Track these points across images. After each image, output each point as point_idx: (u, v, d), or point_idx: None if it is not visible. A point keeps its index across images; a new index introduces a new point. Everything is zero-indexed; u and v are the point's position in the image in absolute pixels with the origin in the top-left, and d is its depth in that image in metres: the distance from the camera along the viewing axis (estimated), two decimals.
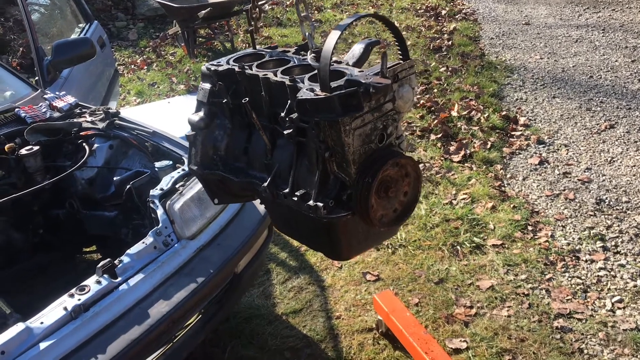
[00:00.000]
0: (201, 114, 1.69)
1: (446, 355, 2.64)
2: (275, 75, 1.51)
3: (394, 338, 2.95)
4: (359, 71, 1.45)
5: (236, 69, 1.59)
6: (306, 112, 1.35)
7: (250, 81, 1.57)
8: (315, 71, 1.48)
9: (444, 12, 8.96)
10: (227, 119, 1.68)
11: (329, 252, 1.66)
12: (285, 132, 1.45)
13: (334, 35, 1.33)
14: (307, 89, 1.38)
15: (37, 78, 3.71)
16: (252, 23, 1.76)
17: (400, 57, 1.45)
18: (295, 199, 1.46)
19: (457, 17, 8.77)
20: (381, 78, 1.34)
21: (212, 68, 1.65)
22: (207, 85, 1.67)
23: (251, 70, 1.58)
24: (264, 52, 1.71)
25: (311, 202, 1.42)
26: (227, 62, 1.66)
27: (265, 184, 1.55)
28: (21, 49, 7.92)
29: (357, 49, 1.61)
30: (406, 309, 2.93)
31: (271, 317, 3.23)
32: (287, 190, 1.50)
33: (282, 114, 1.47)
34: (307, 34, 1.55)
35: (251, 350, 3.01)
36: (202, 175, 1.75)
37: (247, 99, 1.52)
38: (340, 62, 1.55)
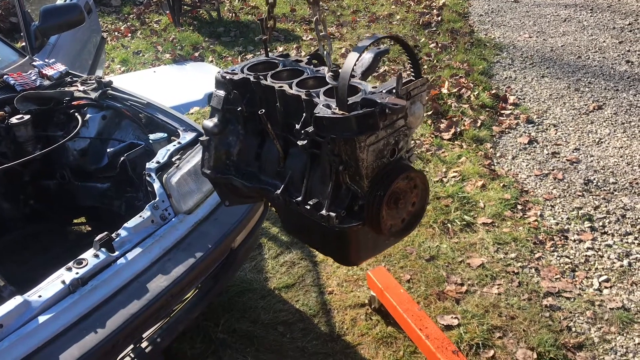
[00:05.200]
0: (215, 120, 1.72)
1: (440, 331, 2.68)
2: (291, 88, 1.54)
3: (387, 314, 2.98)
4: (373, 87, 1.48)
5: (251, 79, 1.62)
6: (323, 128, 1.39)
7: (265, 91, 1.60)
8: (329, 85, 1.52)
9: None
10: (241, 125, 1.72)
11: (338, 257, 1.73)
12: (299, 143, 1.48)
13: (352, 57, 1.35)
14: (323, 105, 1.41)
15: (23, 44, 3.61)
16: (266, 32, 1.78)
17: (413, 74, 1.49)
18: (308, 207, 1.50)
19: None
20: (396, 98, 1.37)
21: (228, 76, 1.67)
22: (222, 93, 1.70)
23: (266, 81, 1.61)
24: (277, 61, 1.75)
25: (324, 212, 1.47)
26: (242, 71, 1.69)
27: (279, 192, 1.59)
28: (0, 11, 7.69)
29: (367, 58, 1.65)
30: (400, 286, 2.95)
31: (264, 292, 3.23)
32: (300, 198, 1.54)
33: (297, 126, 1.51)
34: (325, 52, 1.58)
35: (244, 324, 3.02)
36: (215, 179, 1.79)
37: (263, 110, 1.56)
38: (353, 75, 1.57)
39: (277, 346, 2.90)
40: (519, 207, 3.87)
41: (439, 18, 7.52)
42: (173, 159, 2.61)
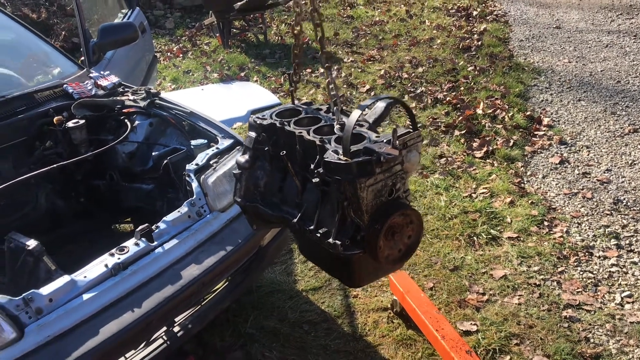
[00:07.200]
0: (246, 156, 2.01)
1: (456, 333, 2.79)
2: (309, 134, 1.81)
3: (408, 318, 3.11)
4: (376, 136, 1.73)
5: (277, 124, 1.91)
6: (330, 171, 1.65)
7: (288, 136, 1.88)
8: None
9: (475, 12, 9.04)
10: (267, 162, 2.00)
11: (344, 279, 2.01)
12: (313, 180, 1.74)
13: (355, 114, 1.61)
14: (332, 151, 1.68)
15: (82, 58, 3.94)
16: (293, 85, 2.07)
17: (411, 127, 1.72)
18: (318, 235, 1.75)
19: (488, 18, 8.84)
20: (391, 149, 1.62)
21: (258, 121, 1.97)
22: (253, 134, 2.00)
23: (289, 127, 1.89)
24: (301, 109, 2.02)
25: (331, 240, 1.71)
26: (271, 117, 1.98)
27: (295, 220, 1.85)
28: (63, 32, 8.23)
29: (379, 107, 1.93)
30: (421, 290, 3.08)
31: (292, 293, 3.41)
32: (312, 227, 1.79)
33: (312, 166, 1.77)
34: (335, 109, 1.86)
35: (272, 322, 3.19)
36: (244, 206, 2.08)
37: (285, 151, 1.83)
38: (362, 125, 1.83)
39: (302, 343, 3.06)
40: (546, 223, 3.94)
41: (479, 43, 7.64)
42: (211, 162, 2.84)
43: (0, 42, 3.78)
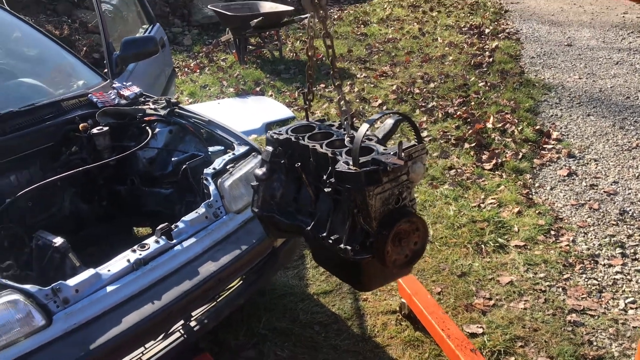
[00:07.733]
0: (264, 169, 2.16)
1: (460, 332, 2.88)
2: (322, 147, 1.96)
3: (416, 320, 3.20)
4: (384, 149, 1.87)
5: (292, 138, 2.06)
6: (341, 180, 1.78)
7: (303, 149, 2.03)
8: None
9: (487, 30, 9.19)
10: (283, 174, 2.14)
11: (354, 283, 2.14)
12: (325, 190, 1.88)
13: (363, 128, 1.76)
14: (343, 162, 1.82)
15: (106, 70, 4.12)
16: (307, 102, 2.22)
17: (416, 140, 1.88)
18: (331, 241, 1.88)
19: (500, 35, 8.99)
20: (397, 159, 1.76)
21: (275, 136, 2.12)
22: (270, 148, 2.14)
23: (304, 141, 2.04)
24: (314, 125, 2.18)
25: (342, 245, 1.84)
26: (286, 132, 2.13)
27: (309, 228, 1.99)
28: (85, 48, 8.49)
29: (388, 123, 2.06)
30: (427, 292, 3.18)
31: (303, 296, 3.52)
32: (324, 234, 1.92)
33: (325, 177, 1.91)
34: (346, 123, 2.04)
35: (284, 323, 3.30)
36: (261, 216, 2.21)
37: (300, 163, 1.99)
38: (371, 139, 1.97)
39: (312, 343, 3.17)
40: (552, 232, 4.03)
41: (491, 59, 7.78)
42: (227, 167, 3.00)
43: (30, 54, 3.98)
